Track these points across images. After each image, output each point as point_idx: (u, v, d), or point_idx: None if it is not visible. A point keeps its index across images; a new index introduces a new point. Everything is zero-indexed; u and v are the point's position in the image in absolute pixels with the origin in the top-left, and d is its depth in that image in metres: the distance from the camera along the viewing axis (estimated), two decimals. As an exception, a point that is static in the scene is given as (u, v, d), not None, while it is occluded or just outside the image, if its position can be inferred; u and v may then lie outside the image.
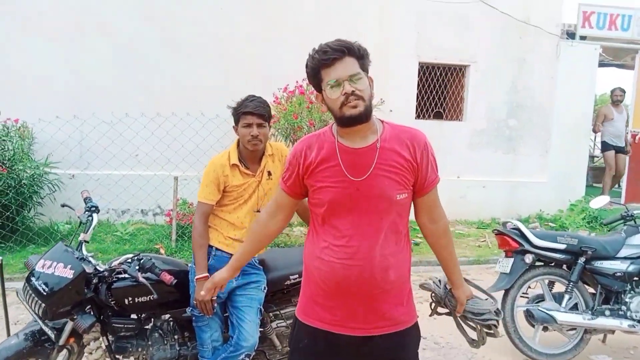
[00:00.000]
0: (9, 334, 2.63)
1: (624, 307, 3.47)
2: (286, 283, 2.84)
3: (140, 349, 2.74)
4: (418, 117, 7.92)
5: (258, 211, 2.66)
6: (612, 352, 3.78)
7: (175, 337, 2.80)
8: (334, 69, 1.68)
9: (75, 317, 2.43)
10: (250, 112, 2.58)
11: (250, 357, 2.59)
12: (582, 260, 3.48)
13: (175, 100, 6.56)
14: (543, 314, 3.40)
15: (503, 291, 3.57)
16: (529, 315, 3.50)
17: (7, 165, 5.70)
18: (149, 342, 2.74)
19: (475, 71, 7.85)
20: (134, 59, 6.77)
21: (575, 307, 3.56)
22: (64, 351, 2.65)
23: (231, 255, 2.60)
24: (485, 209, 7.95)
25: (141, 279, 2.45)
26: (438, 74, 7.90)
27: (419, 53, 7.67)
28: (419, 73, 7.79)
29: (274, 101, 6.10)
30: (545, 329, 3.58)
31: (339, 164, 1.73)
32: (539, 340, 3.57)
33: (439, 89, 7.96)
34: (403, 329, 1.82)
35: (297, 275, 2.81)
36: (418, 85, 7.80)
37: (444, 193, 7.44)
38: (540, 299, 3.63)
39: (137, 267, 2.50)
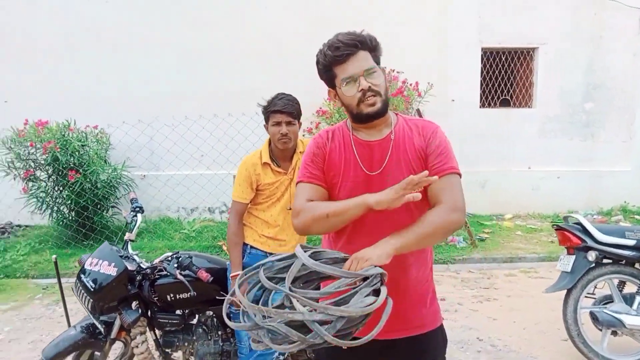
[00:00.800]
0: (69, 325, 2.82)
1: None
2: (323, 281, 2.81)
3: (186, 344, 2.85)
4: (483, 105, 7.56)
5: (291, 209, 2.65)
6: (696, 360, 3.38)
7: (219, 333, 2.88)
8: (348, 65, 1.59)
9: (121, 312, 2.58)
10: (279, 110, 2.58)
11: (285, 355, 2.59)
12: (656, 257, 3.15)
13: (232, 101, 6.68)
14: (609, 316, 3.11)
15: (565, 291, 3.32)
16: (593, 318, 3.21)
17: (85, 170, 6.12)
18: (194, 337, 2.84)
19: (545, 53, 7.34)
20: (193, 64, 7.04)
21: (647, 308, 3.22)
22: (120, 344, 2.83)
23: (265, 252, 2.66)
24: (561, 201, 7.41)
25: (179, 277, 2.54)
26: (503, 59, 7.48)
27: (481, 39, 7.29)
28: (482, 59, 7.42)
29: (328, 98, 6.07)
30: (615, 333, 3.27)
31: (356, 158, 1.67)
32: (609, 345, 3.26)
33: (505, 75, 7.53)
34: (426, 332, 1.71)
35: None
36: (482, 72, 7.44)
37: (513, 185, 7.12)
38: (608, 300, 3.32)
39: (175, 265, 2.59)
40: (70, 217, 6.31)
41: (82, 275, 2.59)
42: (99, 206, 6.31)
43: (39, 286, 5.06)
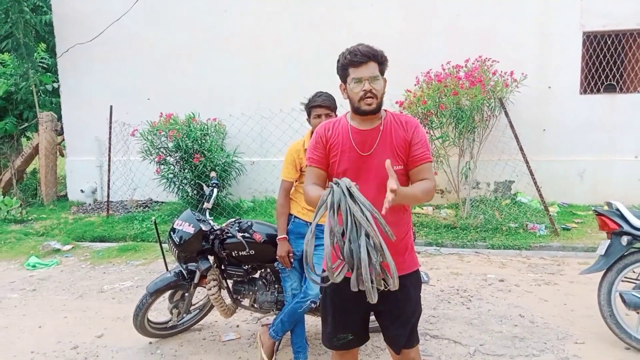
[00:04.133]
0: (167, 270, 3.70)
1: None
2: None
3: (250, 293, 3.59)
4: (584, 91, 7.25)
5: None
6: None
7: (275, 286, 3.56)
8: (360, 69, 2.07)
9: (198, 261, 3.40)
10: (319, 105, 3.16)
11: (317, 304, 3.18)
12: (698, 245, 3.13)
13: (335, 97, 7.35)
14: (635, 298, 3.18)
15: (602, 273, 3.43)
16: (622, 299, 3.29)
17: (206, 155, 7.27)
18: (256, 288, 3.57)
19: (658, 34, 6.81)
20: (299, 64, 7.85)
21: (693, 297, 3.21)
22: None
23: (306, 222, 3.27)
24: (673, 193, 6.88)
25: (238, 236, 3.27)
26: (609, 42, 7.08)
27: (583, 22, 7.01)
28: (585, 44, 7.11)
29: (406, 90, 6.42)
30: (658, 318, 3.31)
31: (351, 142, 2.16)
32: (647, 328, 3.32)
33: (611, 59, 7.13)
34: (405, 274, 2.17)
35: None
36: (584, 57, 7.14)
37: (616, 175, 7.00)
38: (650, 285, 3.36)
39: (237, 228, 3.34)
40: (192, 195, 7.55)
41: (171, 233, 3.46)
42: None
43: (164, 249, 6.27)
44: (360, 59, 2.06)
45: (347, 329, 2.25)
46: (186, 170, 7.30)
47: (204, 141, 7.48)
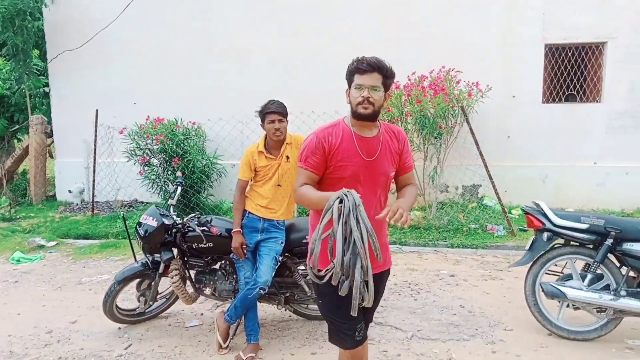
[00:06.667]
0: (135, 260, 4.02)
1: (656, 291, 3.36)
2: (303, 241, 3.68)
3: (211, 282, 3.92)
4: (547, 101, 7.64)
5: (279, 185, 3.57)
6: (659, 340, 3.61)
7: (233, 276, 3.90)
8: (363, 77, 2.22)
9: (161, 252, 3.74)
10: (273, 111, 3.52)
11: (265, 291, 3.52)
12: (609, 241, 3.48)
13: (315, 100, 7.60)
14: (552, 288, 3.53)
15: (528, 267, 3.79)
16: (542, 290, 3.64)
17: (186, 158, 7.60)
18: (215, 278, 3.90)
19: (615, 48, 7.22)
20: (284, 69, 8.20)
21: (607, 288, 3.56)
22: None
23: (258, 217, 3.61)
24: (629, 197, 7.26)
25: (197, 230, 3.62)
26: (570, 54, 7.48)
27: (545, 35, 7.41)
28: (547, 55, 7.51)
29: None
30: (576, 308, 3.66)
31: (356, 147, 2.31)
32: (567, 317, 3.68)
33: (572, 70, 7.53)
34: (385, 270, 2.49)
35: (310, 236, 3.63)
36: (546, 67, 7.53)
37: (577, 180, 7.38)
38: (570, 277, 3.71)
39: (196, 222, 3.68)
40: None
41: (138, 227, 3.80)
42: (195, 188, 7.79)
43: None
44: (365, 68, 2.22)
45: (359, 320, 2.34)
46: (169, 172, 7.63)
47: (185, 145, 7.82)
